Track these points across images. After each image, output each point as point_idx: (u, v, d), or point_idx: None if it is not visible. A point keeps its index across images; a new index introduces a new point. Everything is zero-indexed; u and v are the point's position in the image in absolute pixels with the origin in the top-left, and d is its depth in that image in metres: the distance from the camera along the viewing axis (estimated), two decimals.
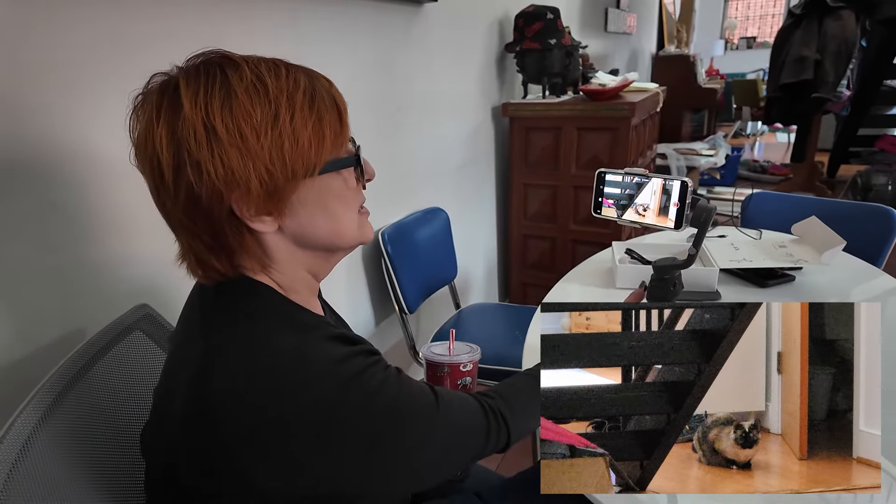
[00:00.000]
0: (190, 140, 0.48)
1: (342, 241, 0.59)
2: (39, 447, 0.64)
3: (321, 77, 0.56)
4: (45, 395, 0.68)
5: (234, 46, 0.54)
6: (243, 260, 0.55)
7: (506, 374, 1.45)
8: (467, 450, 0.61)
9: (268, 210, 0.53)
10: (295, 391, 0.48)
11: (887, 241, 1.44)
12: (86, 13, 0.82)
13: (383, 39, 1.49)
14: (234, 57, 0.52)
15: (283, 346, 0.51)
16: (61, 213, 0.83)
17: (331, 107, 0.55)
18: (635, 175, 0.79)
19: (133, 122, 0.52)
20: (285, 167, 0.51)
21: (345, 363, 0.52)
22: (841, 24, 3.64)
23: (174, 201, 0.51)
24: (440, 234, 1.76)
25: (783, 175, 4.74)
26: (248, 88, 0.50)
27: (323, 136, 0.53)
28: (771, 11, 8.33)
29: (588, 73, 2.40)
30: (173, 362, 0.58)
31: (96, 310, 0.88)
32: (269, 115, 0.50)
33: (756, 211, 1.72)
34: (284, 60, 0.55)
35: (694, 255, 0.79)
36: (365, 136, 1.45)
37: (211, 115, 0.48)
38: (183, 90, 0.49)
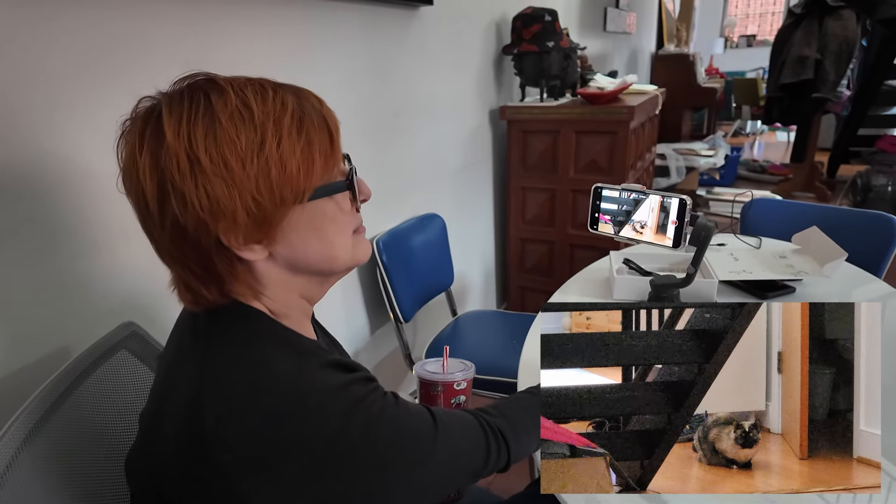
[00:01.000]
0: (173, 170, 0.47)
1: (336, 265, 0.58)
2: (23, 471, 0.63)
3: (311, 96, 0.54)
4: (29, 417, 0.67)
5: (228, 55, 0.52)
6: (234, 287, 0.54)
7: (502, 385, 1.45)
8: (467, 470, 0.60)
9: (257, 238, 0.51)
10: (296, 419, 0.47)
11: (889, 249, 1.43)
12: (66, 25, 0.80)
13: (378, 43, 1.47)
14: (219, 80, 0.51)
15: (281, 372, 0.50)
16: (42, 229, 0.81)
17: (321, 128, 0.53)
18: (633, 191, 0.77)
19: (120, 149, 0.51)
20: (273, 195, 0.50)
21: (344, 391, 0.51)
22: (842, 24, 3.62)
23: (161, 231, 0.50)
24: (436, 241, 1.74)
25: (783, 175, 4.72)
26: (232, 114, 0.48)
27: (312, 161, 0.52)
28: (771, 9, 8.30)
29: (586, 74, 2.38)
30: (163, 386, 0.56)
31: (82, 328, 0.86)
32: (254, 142, 0.48)
33: (756, 217, 1.70)
34: (272, 80, 0.53)
35: (693, 275, 0.77)
36: (360, 142, 1.43)
37: (194, 145, 0.47)
38: (165, 118, 0.47)
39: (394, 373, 1.79)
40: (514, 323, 1.74)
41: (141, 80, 0.51)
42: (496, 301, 2.47)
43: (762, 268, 1.15)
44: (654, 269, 1.16)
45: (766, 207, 1.71)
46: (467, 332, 1.72)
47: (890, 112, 4.66)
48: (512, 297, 2.40)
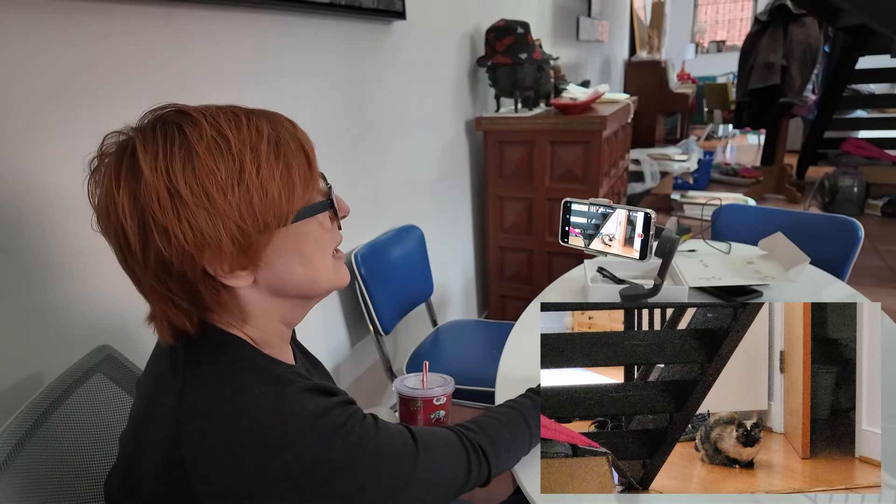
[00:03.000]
0: (154, 206, 0.47)
1: (318, 286, 0.58)
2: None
3: (284, 120, 0.55)
4: (5, 444, 0.66)
5: (206, 72, 0.52)
6: (218, 315, 0.54)
7: (482, 395, 1.46)
8: (449, 488, 0.60)
9: (242, 265, 0.51)
10: (276, 448, 0.47)
11: (851, 251, 1.48)
12: (42, 46, 0.80)
13: (353, 58, 1.48)
14: (189, 111, 0.51)
15: (261, 401, 0.50)
16: (7, 253, 0.80)
17: (297, 152, 0.53)
18: (600, 206, 0.80)
19: (92, 188, 0.50)
20: (256, 221, 0.50)
21: (324, 417, 0.51)
22: (805, 31, 3.74)
23: (143, 268, 0.49)
24: (415, 252, 1.75)
25: (754, 178, 4.83)
26: (209, 145, 0.48)
27: (293, 184, 0.52)
28: (739, 16, 8.53)
29: (560, 85, 2.43)
30: (142, 416, 0.56)
31: (54, 353, 0.85)
32: (234, 171, 0.49)
33: (725, 223, 1.75)
34: (243, 107, 0.53)
35: (660, 285, 0.79)
36: (336, 156, 1.44)
37: (174, 179, 0.47)
38: (141, 154, 0.47)
39: (375, 386, 1.79)
40: (494, 332, 1.76)
41: (117, 102, 0.51)
42: (477, 310, 2.48)
43: (731, 274, 1.19)
44: (627, 277, 1.19)
45: (735, 213, 1.76)
46: (447, 342, 1.73)
47: (853, 115, 4.82)
48: (492, 305, 2.42)
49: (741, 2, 8.44)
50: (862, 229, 1.49)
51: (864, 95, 4.63)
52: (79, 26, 0.84)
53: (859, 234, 1.48)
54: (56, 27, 0.81)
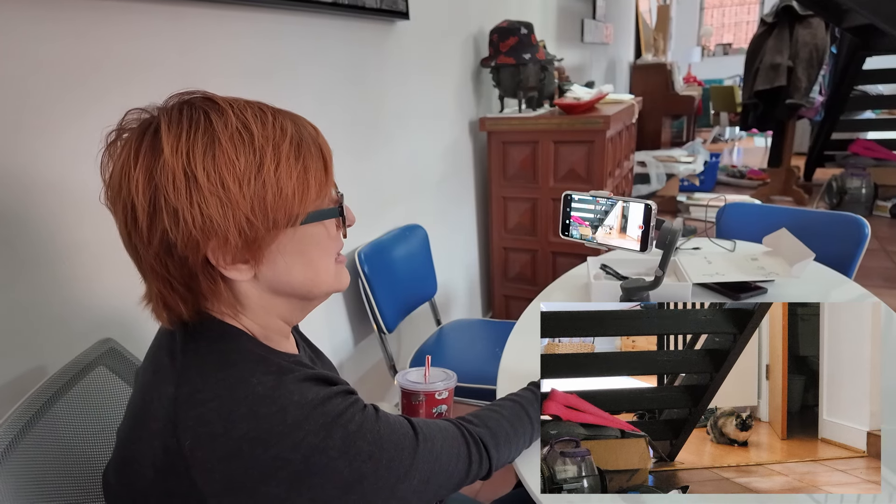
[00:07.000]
0: (168, 186, 0.47)
1: (318, 289, 0.58)
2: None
3: (308, 124, 0.56)
4: (4, 436, 0.66)
5: (211, 68, 0.53)
6: (214, 305, 0.54)
7: (484, 393, 1.45)
8: (449, 481, 0.60)
9: (244, 258, 0.52)
10: (273, 440, 0.47)
11: (858, 249, 1.46)
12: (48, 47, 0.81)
13: (357, 57, 1.49)
14: (218, 100, 0.51)
15: (258, 392, 0.50)
16: (13, 248, 0.81)
17: (317, 156, 0.54)
18: (600, 197, 0.79)
19: (105, 160, 0.51)
20: (266, 217, 0.50)
21: (324, 405, 0.51)
22: (811, 32, 3.72)
23: (147, 246, 0.49)
24: (419, 252, 1.75)
25: (761, 180, 4.80)
26: (232, 136, 0.49)
27: (308, 187, 0.53)
28: (745, 18, 8.51)
29: (563, 85, 2.43)
30: (140, 405, 0.56)
31: (58, 345, 0.86)
32: (252, 165, 0.49)
33: (730, 221, 1.73)
34: (270, 105, 0.54)
35: (661, 277, 0.79)
36: (340, 154, 1.44)
37: (192, 162, 0.47)
38: (164, 133, 0.48)
39: (378, 384, 1.79)
40: (497, 331, 1.75)
41: (124, 100, 0.51)
42: (481, 310, 2.48)
43: (734, 270, 1.18)
44: (630, 274, 1.18)
45: (739, 211, 1.75)
46: (451, 341, 1.73)
47: (861, 117, 4.78)
48: (496, 305, 2.41)
49: (747, 4, 8.42)
50: (868, 226, 1.48)
51: (872, 96, 4.60)
52: (85, 25, 0.85)
53: (865, 232, 1.46)
54: (63, 24, 0.82)
